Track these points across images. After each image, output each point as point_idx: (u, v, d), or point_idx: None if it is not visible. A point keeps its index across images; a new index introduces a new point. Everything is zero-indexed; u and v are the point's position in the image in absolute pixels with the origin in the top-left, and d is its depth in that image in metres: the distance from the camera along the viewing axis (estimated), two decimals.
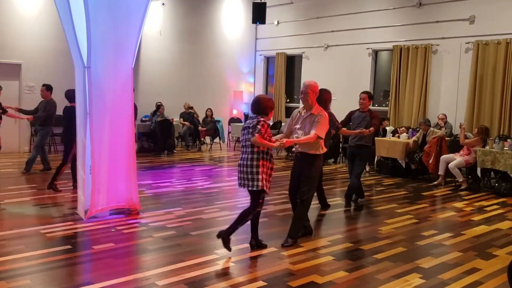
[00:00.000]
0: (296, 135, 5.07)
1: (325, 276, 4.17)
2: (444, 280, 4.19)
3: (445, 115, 10.34)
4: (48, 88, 8.53)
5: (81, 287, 3.74)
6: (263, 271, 4.24)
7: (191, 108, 13.05)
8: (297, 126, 5.08)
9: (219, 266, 4.35)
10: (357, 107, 7.02)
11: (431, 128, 9.41)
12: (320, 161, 5.15)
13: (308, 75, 13.33)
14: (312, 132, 4.87)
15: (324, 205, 6.71)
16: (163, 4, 13.06)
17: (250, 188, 4.58)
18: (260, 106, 4.65)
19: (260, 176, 4.53)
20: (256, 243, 4.84)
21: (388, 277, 4.21)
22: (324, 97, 5.87)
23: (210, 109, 13.20)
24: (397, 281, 4.12)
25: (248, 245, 4.90)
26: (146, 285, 3.87)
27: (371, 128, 6.64)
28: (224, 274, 4.16)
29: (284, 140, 4.74)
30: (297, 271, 4.26)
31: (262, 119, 4.59)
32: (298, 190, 5.08)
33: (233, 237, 5.26)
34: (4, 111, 7.92)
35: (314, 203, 5.70)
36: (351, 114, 7.07)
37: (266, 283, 3.97)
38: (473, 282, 4.16)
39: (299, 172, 5.09)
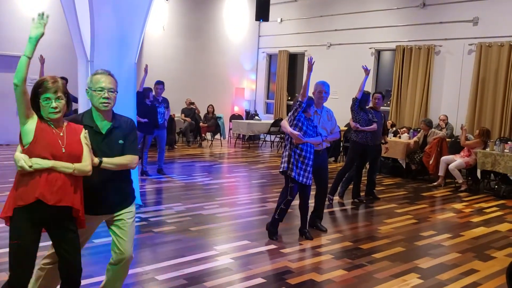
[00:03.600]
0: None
1: (323, 274, 4.19)
2: (442, 280, 4.20)
3: (446, 116, 10.35)
4: (67, 81, 8.83)
5: (81, 280, 3.75)
6: (262, 268, 4.26)
7: (193, 103, 13.06)
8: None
9: (218, 262, 4.37)
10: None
11: (432, 129, 9.41)
12: None
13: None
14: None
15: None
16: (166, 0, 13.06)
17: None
18: None
19: None
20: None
21: (386, 276, 4.23)
22: None
23: (211, 105, 13.21)
24: (395, 281, 4.14)
25: (248, 242, 4.93)
26: (146, 279, 3.90)
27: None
28: (223, 270, 4.18)
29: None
30: (296, 269, 4.28)
31: None
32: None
33: (231, 234, 5.30)
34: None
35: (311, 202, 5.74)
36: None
37: (265, 280, 3.99)
38: (471, 283, 4.18)
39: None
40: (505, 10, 9.85)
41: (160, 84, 8.47)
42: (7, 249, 2.59)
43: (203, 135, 13.15)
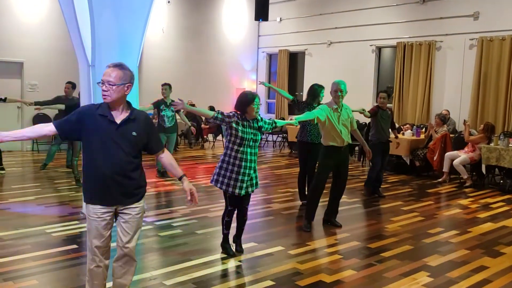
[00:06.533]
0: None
1: (333, 275, 4.15)
2: (452, 278, 4.17)
3: (448, 111, 10.30)
4: (73, 86, 8.53)
5: None
6: (271, 271, 4.22)
7: (193, 105, 13.01)
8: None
9: (226, 265, 4.34)
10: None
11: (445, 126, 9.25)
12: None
13: (311, 72, 13.30)
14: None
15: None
16: (168, 1, 13.02)
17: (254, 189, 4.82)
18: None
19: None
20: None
21: (396, 275, 4.19)
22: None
23: (212, 106, 13.15)
24: (405, 280, 4.10)
25: (255, 244, 4.90)
26: (154, 284, 3.86)
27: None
28: (231, 273, 4.15)
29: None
30: (305, 270, 4.25)
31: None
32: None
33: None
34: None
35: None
36: (376, 110, 7.29)
37: (274, 283, 3.96)
38: (481, 280, 4.14)
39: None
40: (505, 4, 9.80)
41: (165, 85, 8.43)
42: (14, 257, 2.56)
43: (205, 136, 13.11)
